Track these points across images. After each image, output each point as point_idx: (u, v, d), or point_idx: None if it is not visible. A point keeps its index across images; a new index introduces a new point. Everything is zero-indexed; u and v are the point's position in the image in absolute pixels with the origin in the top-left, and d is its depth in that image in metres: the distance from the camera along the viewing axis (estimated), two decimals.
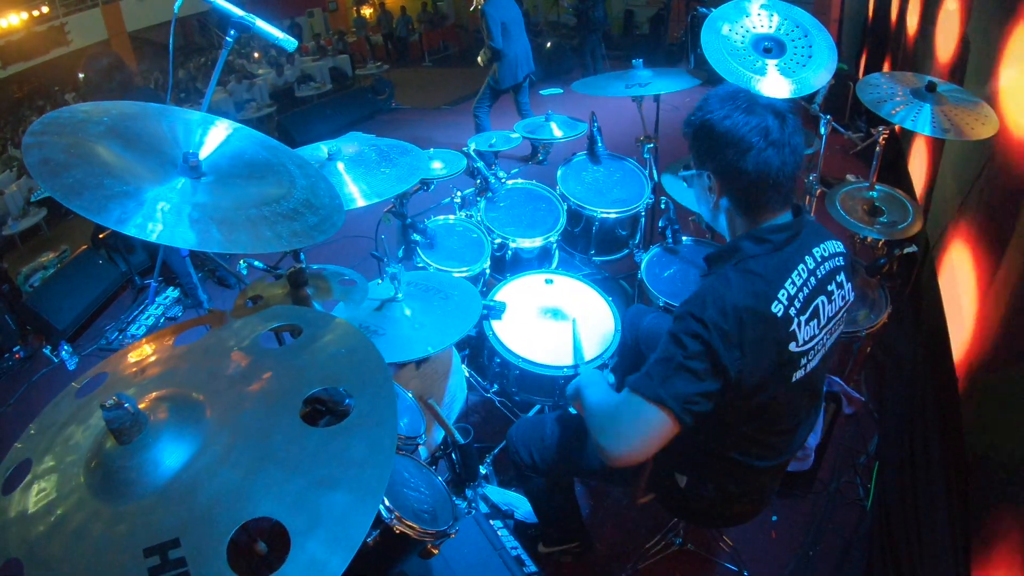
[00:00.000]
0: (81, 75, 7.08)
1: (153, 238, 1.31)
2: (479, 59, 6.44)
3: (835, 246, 1.69)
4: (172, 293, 5.26)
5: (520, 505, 2.67)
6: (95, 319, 5.30)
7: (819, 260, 1.62)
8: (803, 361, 1.62)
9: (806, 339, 1.58)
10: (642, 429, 1.54)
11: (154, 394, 1.18)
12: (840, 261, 1.69)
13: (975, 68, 3.37)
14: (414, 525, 1.53)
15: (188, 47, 16.75)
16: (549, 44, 10.57)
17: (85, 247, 5.54)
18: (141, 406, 1.09)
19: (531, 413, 3.03)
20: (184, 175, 1.52)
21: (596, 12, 9.31)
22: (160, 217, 1.34)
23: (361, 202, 2.39)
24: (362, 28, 17.10)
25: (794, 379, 1.63)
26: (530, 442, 2.22)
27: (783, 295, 1.51)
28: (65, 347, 4.72)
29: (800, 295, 1.55)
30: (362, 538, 0.92)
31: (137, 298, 5.49)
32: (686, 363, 1.49)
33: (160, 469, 1.05)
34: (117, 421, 1.05)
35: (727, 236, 1.73)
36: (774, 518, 2.86)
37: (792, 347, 1.56)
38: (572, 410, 2.98)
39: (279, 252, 2.39)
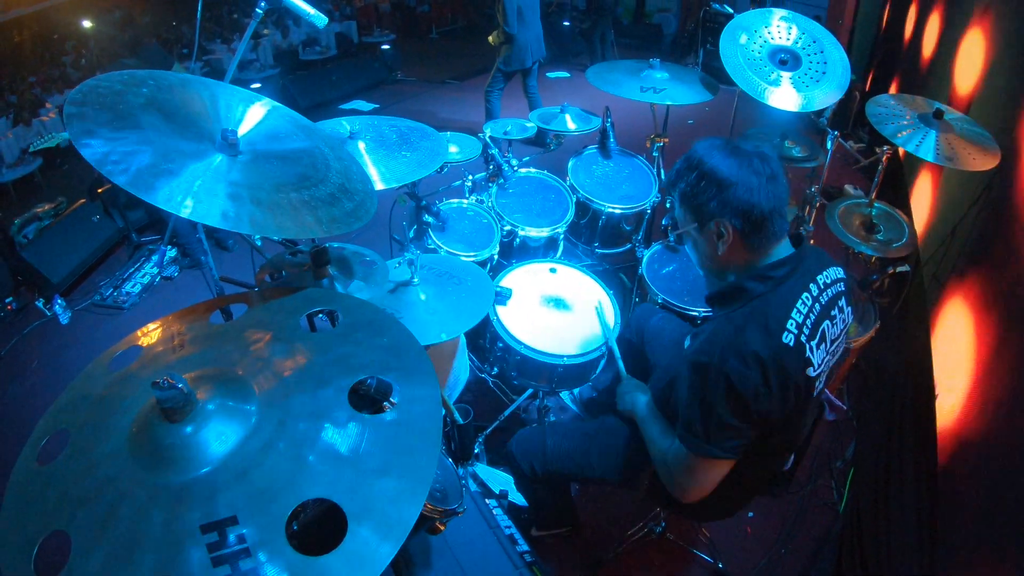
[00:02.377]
0: (88, 24, 6.99)
1: (196, 217, 1.33)
2: (490, 39, 6.41)
3: (837, 272, 1.76)
4: (169, 252, 5.21)
5: (511, 486, 2.76)
6: (89, 274, 5.26)
7: (822, 287, 1.70)
8: (818, 384, 1.71)
9: (818, 363, 1.66)
10: (701, 480, 1.73)
11: (199, 372, 1.20)
12: (842, 287, 1.76)
13: (994, 103, 3.43)
14: (427, 503, 1.61)
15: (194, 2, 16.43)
16: (567, 23, 10.50)
17: (83, 201, 5.48)
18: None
19: (525, 396, 3.13)
20: (222, 152, 1.52)
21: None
22: (200, 195, 1.36)
23: (380, 186, 2.43)
24: None
25: (812, 400, 1.73)
26: (531, 455, 2.29)
27: (791, 324, 1.59)
28: (59, 301, 4.67)
29: (808, 322, 1.62)
30: (412, 523, 0.97)
31: (133, 255, 5.44)
32: (725, 419, 1.59)
33: (212, 448, 1.08)
34: (170, 401, 1.08)
35: (725, 282, 1.79)
36: (750, 515, 2.96)
37: (810, 372, 1.63)
38: (571, 401, 3.08)
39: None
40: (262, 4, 2.26)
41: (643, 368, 2.60)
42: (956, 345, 2.83)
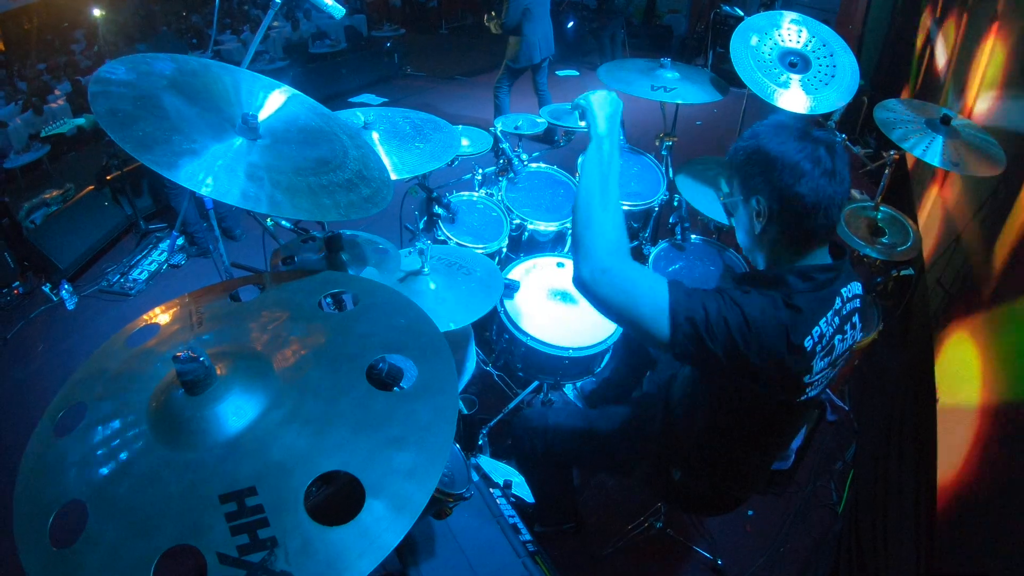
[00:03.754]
0: (99, 12, 7.00)
1: (216, 195, 1.36)
2: (489, 24, 6.40)
3: (857, 287, 1.70)
4: (179, 240, 5.24)
5: (514, 478, 2.78)
6: (96, 260, 5.30)
7: (845, 300, 1.65)
8: (809, 390, 1.66)
9: (816, 371, 1.62)
10: (630, 290, 1.55)
11: (218, 348, 1.22)
12: (858, 303, 1.70)
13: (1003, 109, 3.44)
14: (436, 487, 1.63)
15: None
16: (572, 22, 10.52)
17: (91, 188, 5.49)
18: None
19: (529, 389, 3.15)
20: (242, 135, 1.56)
21: (618, 0, 9.31)
22: (220, 175, 1.40)
23: (392, 176, 2.43)
24: None
25: (798, 400, 1.69)
26: (534, 434, 2.31)
27: (816, 332, 1.54)
28: (66, 286, 4.71)
29: (827, 333, 1.58)
30: (429, 495, 0.99)
31: (140, 242, 5.47)
32: (716, 312, 1.48)
33: (231, 421, 1.10)
34: (191, 373, 1.09)
35: (758, 267, 1.72)
36: (750, 512, 2.99)
37: (806, 378, 1.60)
38: (574, 396, 3.09)
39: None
40: None
41: (645, 363, 2.62)
42: (958, 350, 2.85)
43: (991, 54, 3.91)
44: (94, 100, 1.40)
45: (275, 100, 1.78)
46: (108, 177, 5.47)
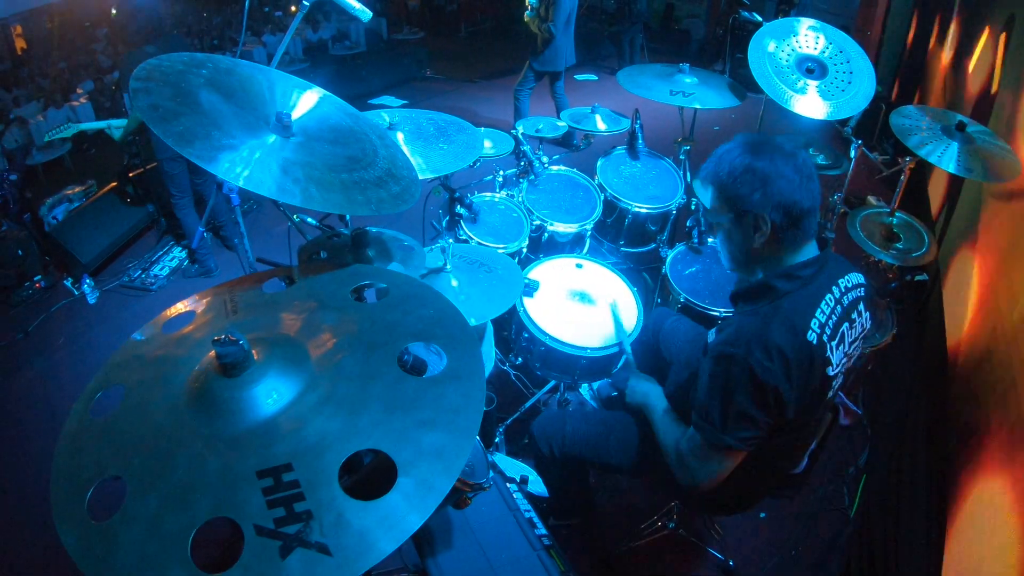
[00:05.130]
0: (114, 11, 7.11)
1: (251, 186, 1.42)
2: (530, 23, 6.38)
3: (857, 278, 1.82)
4: (180, 254, 5.30)
5: (529, 475, 2.81)
6: (118, 256, 5.35)
7: (843, 290, 1.75)
8: (835, 383, 1.77)
9: (836, 362, 1.72)
10: (713, 471, 1.77)
11: (255, 334, 1.27)
12: (861, 292, 1.81)
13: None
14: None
15: None
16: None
17: (114, 184, 5.56)
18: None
19: (546, 388, 3.19)
20: (275, 132, 1.61)
21: (638, 4, 9.34)
22: (256, 168, 1.46)
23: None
24: None
25: (826, 400, 1.78)
26: (552, 437, 2.36)
27: (815, 324, 1.64)
28: (87, 281, 4.77)
29: (830, 322, 1.68)
30: (458, 473, 1.04)
31: (161, 239, 5.54)
32: (743, 409, 1.63)
33: (267, 402, 1.16)
34: (230, 356, 1.15)
35: (754, 277, 1.82)
36: (762, 515, 3.00)
37: (828, 371, 1.69)
38: (590, 397, 3.13)
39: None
40: None
41: (659, 367, 2.66)
42: (973, 354, 2.86)
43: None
44: (135, 96, 1.46)
45: (307, 100, 1.84)
46: (131, 174, 5.53)
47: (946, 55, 5.82)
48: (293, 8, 13.76)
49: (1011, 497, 1.98)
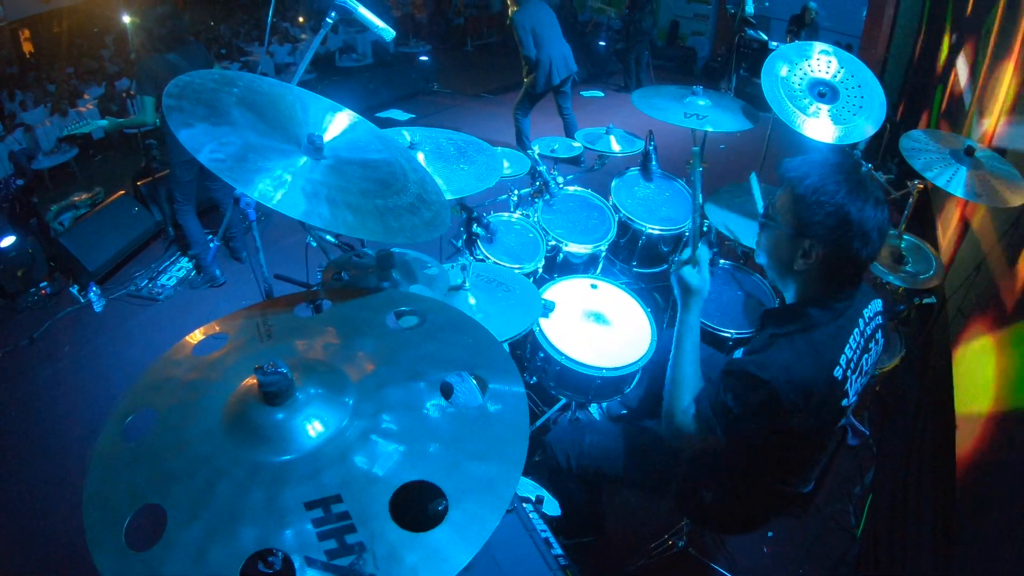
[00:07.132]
0: (129, 19, 7.12)
1: (284, 209, 1.42)
2: (524, 73, 6.47)
3: (877, 305, 1.81)
4: (187, 264, 5.32)
5: (544, 494, 2.83)
6: (125, 265, 5.37)
7: (867, 320, 1.75)
8: (848, 412, 1.79)
9: (852, 393, 1.73)
10: (697, 445, 1.83)
11: (295, 360, 1.26)
12: (880, 319, 1.81)
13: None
14: None
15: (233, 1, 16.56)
16: (603, 43, 10.64)
17: (123, 192, 5.59)
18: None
19: (557, 407, 3.21)
20: (307, 154, 1.61)
21: (644, 22, 9.42)
22: (291, 191, 1.46)
23: None
24: (408, 5, 17.09)
25: (838, 426, 1.81)
26: (568, 448, 2.34)
27: (843, 359, 1.64)
28: (94, 288, 4.78)
29: (855, 357, 1.68)
30: (508, 503, 1.06)
31: (168, 249, 5.56)
32: (752, 416, 1.65)
33: (311, 432, 1.16)
34: (273, 385, 1.14)
35: (788, 295, 1.81)
36: (770, 534, 3.02)
37: (844, 403, 1.71)
38: (600, 416, 3.13)
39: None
40: (332, 14, 2.30)
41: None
42: (977, 377, 2.90)
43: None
44: (169, 114, 1.47)
45: (339, 123, 1.84)
46: (139, 183, 5.56)
47: (954, 74, 5.87)
48: (301, 19, 13.86)
49: None
